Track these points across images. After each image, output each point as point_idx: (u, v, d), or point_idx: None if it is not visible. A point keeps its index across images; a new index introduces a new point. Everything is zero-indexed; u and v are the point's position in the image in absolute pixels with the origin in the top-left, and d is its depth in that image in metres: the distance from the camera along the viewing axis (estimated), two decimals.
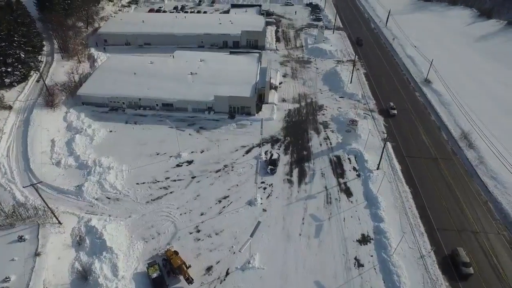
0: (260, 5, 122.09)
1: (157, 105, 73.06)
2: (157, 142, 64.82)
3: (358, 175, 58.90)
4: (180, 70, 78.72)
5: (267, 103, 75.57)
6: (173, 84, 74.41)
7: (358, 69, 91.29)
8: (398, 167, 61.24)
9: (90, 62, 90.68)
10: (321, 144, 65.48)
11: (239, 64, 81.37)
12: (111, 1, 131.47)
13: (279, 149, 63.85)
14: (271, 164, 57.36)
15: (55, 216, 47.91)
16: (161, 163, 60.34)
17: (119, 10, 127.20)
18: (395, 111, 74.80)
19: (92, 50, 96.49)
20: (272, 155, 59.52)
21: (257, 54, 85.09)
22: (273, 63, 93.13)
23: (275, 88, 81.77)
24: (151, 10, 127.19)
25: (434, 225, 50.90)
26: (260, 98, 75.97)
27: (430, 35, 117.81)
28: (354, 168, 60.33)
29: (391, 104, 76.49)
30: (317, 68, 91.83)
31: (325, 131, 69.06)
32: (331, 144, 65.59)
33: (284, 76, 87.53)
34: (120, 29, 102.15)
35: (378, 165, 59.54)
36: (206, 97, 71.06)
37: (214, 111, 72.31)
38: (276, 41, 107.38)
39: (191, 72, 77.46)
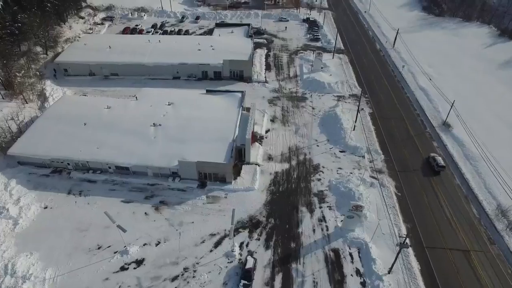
0: (249, 24, 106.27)
1: (109, 167, 58.07)
2: (102, 227, 49.70)
3: (363, 284, 43.74)
4: (141, 119, 63.43)
5: (249, 163, 60.47)
6: (131, 140, 59.18)
7: (362, 108, 75.76)
8: (415, 265, 46.12)
9: (40, 102, 75.64)
10: (314, 230, 50.09)
11: (215, 110, 66.05)
12: (82, 18, 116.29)
13: (258, 239, 48.74)
14: (245, 278, 41.99)
15: None
16: (101, 264, 45.25)
17: (90, 29, 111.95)
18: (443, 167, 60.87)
19: (48, 84, 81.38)
20: (246, 261, 44.24)
21: (239, 95, 69.69)
22: (261, 101, 77.80)
23: (260, 139, 66.55)
24: (126, 29, 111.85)
25: None
26: (240, 155, 60.93)
27: (444, 59, 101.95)
28: (358, 272, 45.01)
29: (436, 159, 61.73)
30: (313, 108, 76.27)
31: (320, 207, 53.67)
32: (327, 229, 50.20)
33: (273, 120, 72.03)
34: (82, 57, 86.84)
35: (391, 269, 44.41)
36: (169, 161, 55.83)
37: (180, 178, 57.28)
38: (266, 69, 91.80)
39: (154, 123, 62.18)
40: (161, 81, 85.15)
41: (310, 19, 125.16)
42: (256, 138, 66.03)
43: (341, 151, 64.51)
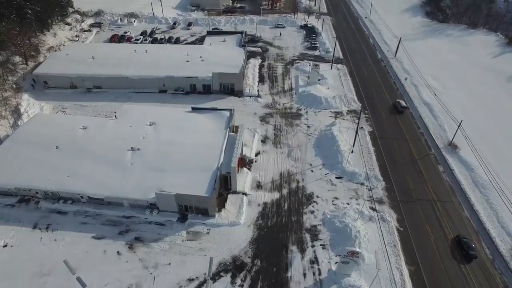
0: (242, 32, 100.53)
1: (82, 197, 52.60)
2: (67, 271, 44.10)
3: None
4: (119, 142, 57.85)
5: (235, 193, 54.90)
6: (106, 168, 53.58)
7: (362, 127, 70.15)
8: None
9: (13, 119, 70.26)
10: (305, 275, 44.44)
11: (200, 131, 60.45)
12: (68, 25, 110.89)
13: (241, 286, 43.13)
14: None
15: None
16: None
17: (76, 36, 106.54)
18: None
19: (24, 98, 75.94)
20: None
21: (227, 114, 64.03)
22: (252, 118, 72.23)
23: (249, 163, 60.96)
24: (113, 37, 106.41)
25: None
26: (226, 183, 55.40)
27: (449, 70, 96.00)
28: None
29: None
30: (308, 127, 70.56)
31: (313, 245, 47.94)
32: (320, 273, 44.45)
33: (264, 141, 66.33)
34: (63, 68, 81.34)
35: None
36: (146, 193, 50.22)
37: (159, 210, 51.77)
38: (260, 81, 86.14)
39: (132, 148, 56.60)
40: (146, 95, 79.68)
41: (308, 25, 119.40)
42: (245, 162, 60.47)
43: (337, 178, 58.81)
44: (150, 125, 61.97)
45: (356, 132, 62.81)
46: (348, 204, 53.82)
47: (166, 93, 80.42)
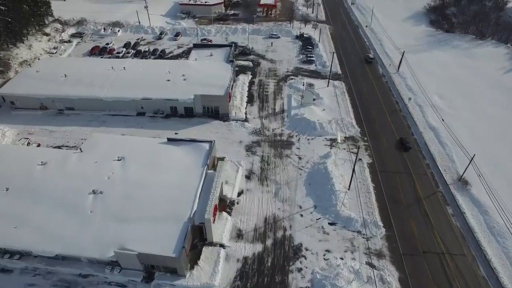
0: (231, 45, 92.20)
1: (31, 251, 45.16)
2: None
3: None
4: (80, 183, 50.19)
5: (212, 244, 47.35)
6: (61, 216, 45.93)
7: (360, 159, 62.47)
8: None
9: None
10: None
11: (174, 168, 52.71)
12: (46, 35, 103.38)
13: None
14: None
15: None
16: None
17: (54, 48, 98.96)
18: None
19: None
20: None
21: (206, 147, 56.37)
22: (237, 147, 64.58)
23: (231, 205, 53.37)
24: (94, 49, 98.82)
25: None
26: (201, 232, 47.86)
27: (456, 87, 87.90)
28: None
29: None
30: (299, 158, 62.80)
31: None
32: None
33: (249, 177, 58.59)
34: (32, 88, 73.83)
35: None
36: (104, 250, 42.61)
37: (121, 268, 44.29)
38: (248, 101, 78.33)
39: (94, 190, 49.05)
40: (122, 118, 72.18)
41: (304, 35, 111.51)
42: (225, 205, 52.91)
43: (330, 224, 51.12)
44: (118, 160, 54.29)
45: (353, 171, 54.88)
46: (342, 259, 46.13)
47: (145, 116, 72.78)
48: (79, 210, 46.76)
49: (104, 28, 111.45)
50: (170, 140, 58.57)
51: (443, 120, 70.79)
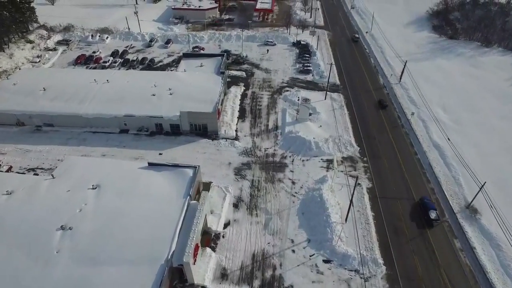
0: (223, 54, 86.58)
1: None
2: None
3: None
4: (48, 217, 44.97)
5: (192, 286, 42.39)
6: (23, 258, 40.82)
7: (359, 184, 57.48)
8: None
9: None
10: None
11: (153, 198, 47.55)
12: (30, 43, 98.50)
13: None
14: None
15: None
16: None
17: (38, 57, 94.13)
18: None
19: None
20: None
21: (190, 173, 51.39)
22: (225, 170, 59.60)
23: (216, 239, 48.40)
24: (80, 57, 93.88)
25: None
26: (180, 273, 42.96)
27: (462, 99, 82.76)
28: None
29: None
30: (293, 183, 57.72)
31: None
32: None
33: (237, 205, 53.53)
34: (7, 103, 68.95)
35: None
36: None
37: None
38: (240, 116, 73.33)
39: (62, 226, 44.10)
40: (104, 136, 67.28)
41: (301, 42, 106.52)
42: (209, 239, 48.00)
43: (325, 261, 46.06)
44: (93, 188, 49.32)
45: (351, 202, 49.84)
46: None
47: (128, 133, 67.95)
48: (44, 250, 41.75)
49: (92, 35, 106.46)
50: (151, 165, 53.63)
51: (449, 139, 65.64)
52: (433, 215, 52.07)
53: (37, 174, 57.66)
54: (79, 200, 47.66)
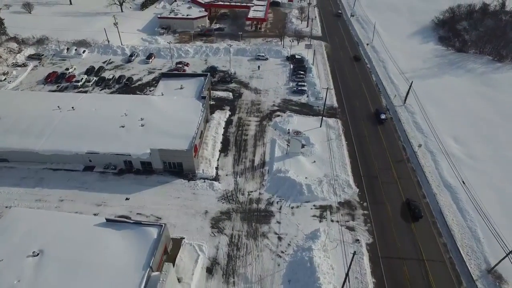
0: (206, 74, 76.20)
1: None
2: None
3: None
4: None
5: None
6: None
7: (358, 239, 48.67)
8: None
9: None
10: None
11: (106, 271, 38.38)
12: None
13: None
14: None
15: None
16: None
17: (4, 74, 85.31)
18: None
19: None
20: None
21: (155, 233, 42.53)
22: (200, 221, 50.64)
23: None
24: (51, 76, 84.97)
25: None
26: None
27: (474, 124, 73.55)
28: None
29: None
30: (279, 239, 48.62)
31: None
32: None
33: (211, 271, 44.28)
34: None
35: None
36: None
37: None
38: (222, 150, 64.34)
39: None
40: (65, 174, 58.43)
41: (296, 56, 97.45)
42: None
43: None
44: (33, 256, 40.52)
45: (346, 276, 40.76)
46: None
47: (93, 171, 59.12)
48: None
49: (68, 48, 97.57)
50: (110, 221, 44.79)
51: (463, 182, 56.57)
52: None
53: None
54: (13, 274, 38.65)
